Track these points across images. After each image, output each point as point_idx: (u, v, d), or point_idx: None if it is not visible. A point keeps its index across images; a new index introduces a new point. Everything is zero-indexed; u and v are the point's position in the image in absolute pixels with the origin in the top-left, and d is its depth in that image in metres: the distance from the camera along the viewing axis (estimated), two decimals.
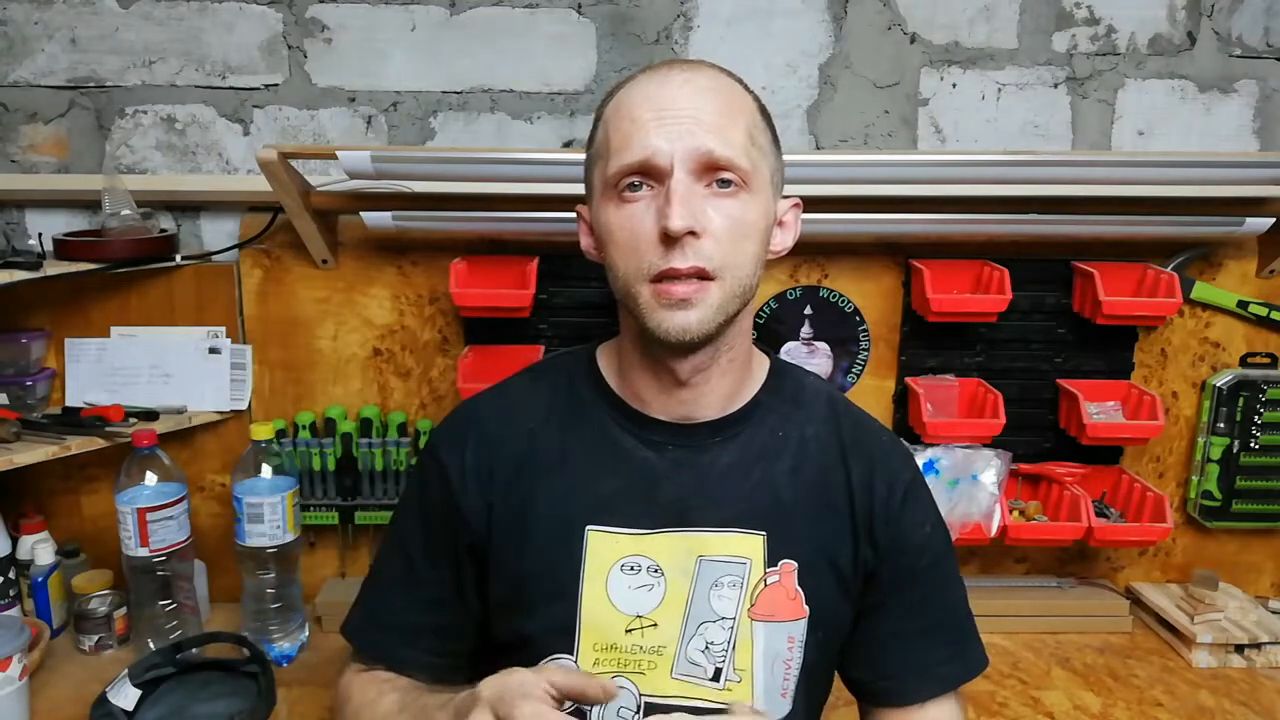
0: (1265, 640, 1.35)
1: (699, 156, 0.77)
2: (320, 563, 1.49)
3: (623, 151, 0.78)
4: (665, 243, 0.76)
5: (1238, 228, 1.37)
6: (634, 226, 0.78)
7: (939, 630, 0.91)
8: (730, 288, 0.79)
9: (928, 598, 0.91)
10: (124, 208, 1.34)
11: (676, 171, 0.76)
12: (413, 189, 1.35)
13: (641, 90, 0.80)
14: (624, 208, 0.79)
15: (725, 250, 0.78)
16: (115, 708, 1.12)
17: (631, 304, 0.81)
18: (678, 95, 0.78)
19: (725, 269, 0.78)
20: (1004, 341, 1.47)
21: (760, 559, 0.85)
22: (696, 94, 0.78)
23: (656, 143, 0.77)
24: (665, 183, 0.77)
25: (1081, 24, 1.45)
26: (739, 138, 0.78)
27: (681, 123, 0.77)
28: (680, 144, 0.76)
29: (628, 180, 0.78)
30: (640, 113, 0.78)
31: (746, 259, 0.80)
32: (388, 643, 0.91)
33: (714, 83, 0.80)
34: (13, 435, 1.25)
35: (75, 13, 1.39)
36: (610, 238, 0.80)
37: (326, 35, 1.41)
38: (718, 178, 0.78)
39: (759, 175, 0.80)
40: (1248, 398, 1.47)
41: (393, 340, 1.45)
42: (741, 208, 0.79)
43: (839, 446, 0.90)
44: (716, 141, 0.77)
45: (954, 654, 0.91)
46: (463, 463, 0.88)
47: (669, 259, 0.76)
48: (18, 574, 1.34)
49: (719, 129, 0.77)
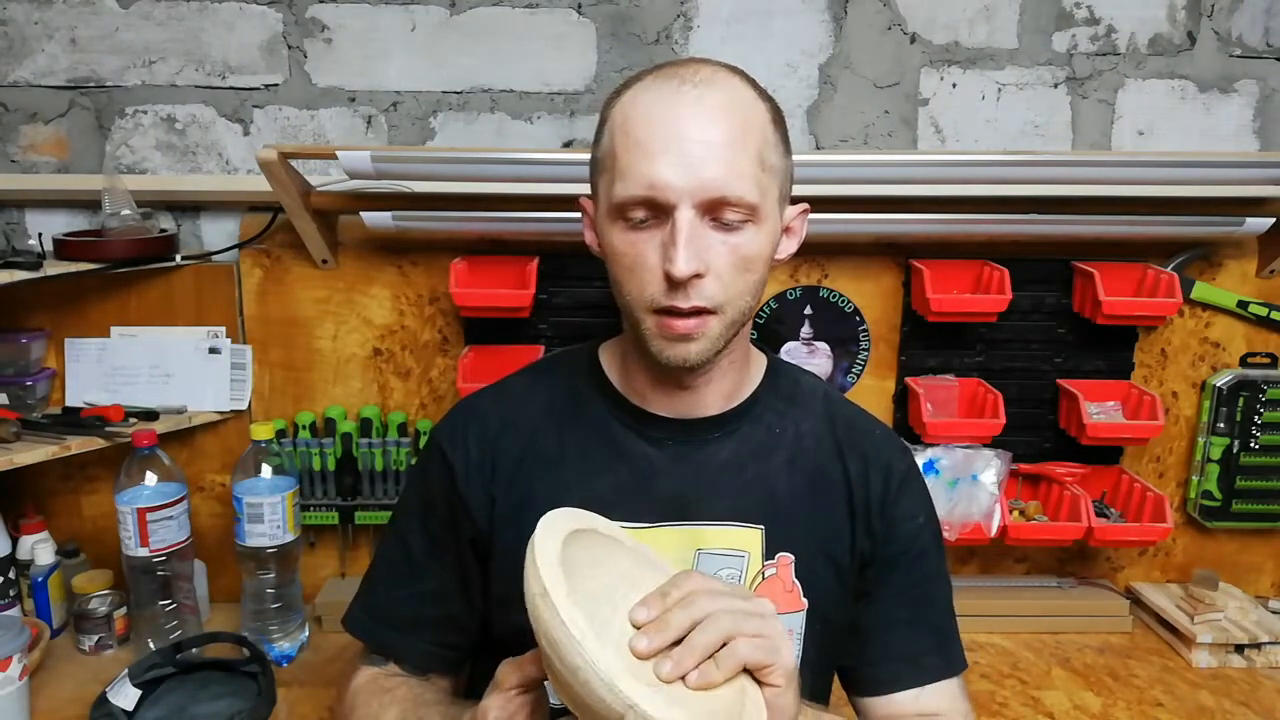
0: (1265, 640, 1.35)
1: (706, 195, 0.75)
2: (320, 563, 1.49)
3: (628, 179, 0.76)
4: (669, 281, 0.76)
5: (1238, 228, 1.37)
6: (638, 255, 0.78)
7: (924, 622, 0.91)
8: (731, 317, 0.80)
9: (915, 588, 0.91)
10: (124, 208, 1.34)
11: (682, 210, 0.75)
12: (413, 189, 1.35)
13: (649, 107, 0.77)
14: (629, 234, 0.78)
15: (727, 285, 0.78)
16: (115, 708, 1.12)
17: (634, 325, 0.81)
18: (687, 119, 0.75)
19: (727, 303, 0.78)
20: (1004, 341, 1.46)
21: (758, 552, 0.86)
22: (707, 118, 0.75)
23: (663, 176, 0.74)
24: (670, 216, 0.75)
25: (1081, 24, 1.45)
26: (749, 167, 0.76)
27: (690, 155, 0.75)
28: (688, 180, 0.74)
29: (632, 210, 0.77)
30: (646, 137, 0.76)
31: (748, 288, 0.80)
32: (390, 635, 0.91)
33: (726, 100, 0.77)
34: (13, 435, 1.25)
35: (75, 13, 1.39)
36: (615, 260, 0.80)
37: (326, 35, 1.41)
38: (724, 215, 0.76)
39: (768, 201, 0.79)
40: (1248, 398, 1.47)
41: (393, 340, 1.45)
42: (747, 241, 0.78)
43: (834, 442, 0.91)
44: (726, 177, 0.75)
45: (938, 647, 0.91)
46: (466, 456, 0.89)
47: (672, 298, 0.77)
48: (18, 574, 1.34)
49: (729, 161, 0.75)
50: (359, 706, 0.89)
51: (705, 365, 0.82)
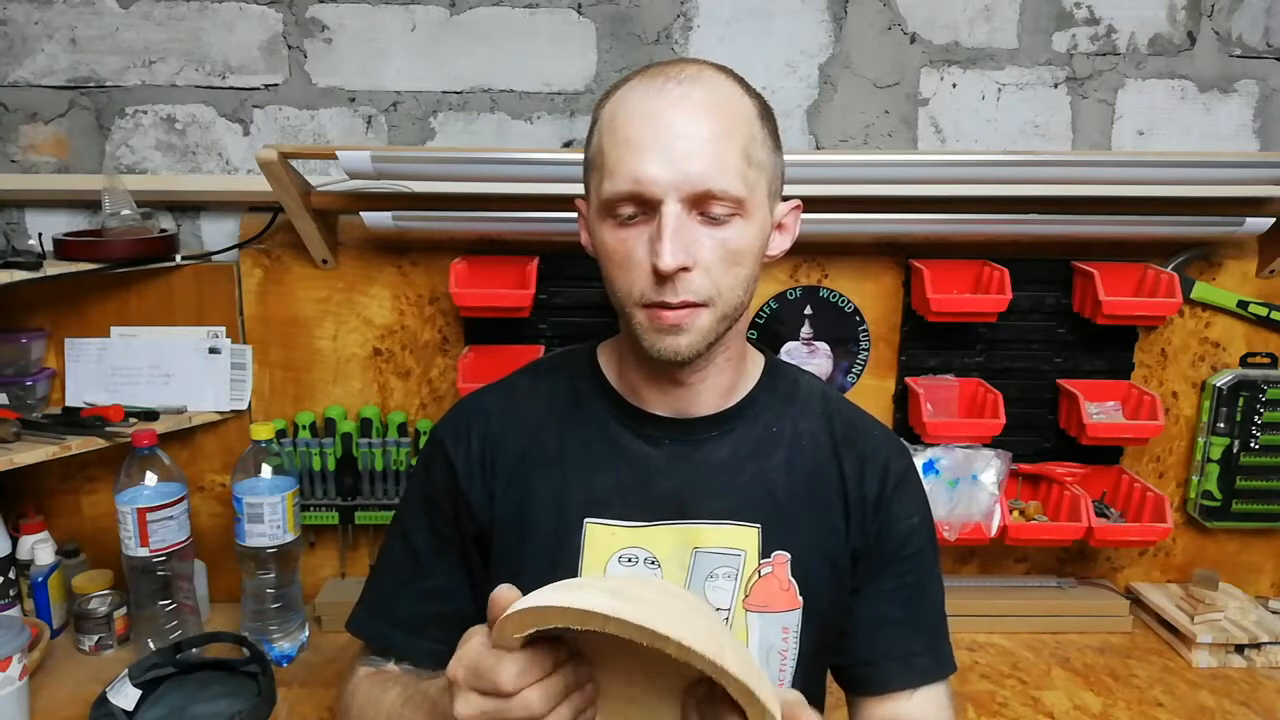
0: (1265, 640, 1.35)
1: (692, 189, 0.75)
2: (320, 563, 1.49)
3: (615, 175, 0.77)
4: (656, 275, 0.77)
5: (1238, 228, 1.37)
6: (627, 251, 0.79)
7: (917, 622, 0.92)
8: (721, 310, 0.80)
9: (909, 587, 0.91)
10: (124, 208, 1.34)
11: (668, 204, 0.75)
12: (413, 189, 1.35)
13: (636, 104, 0.78)
14: (618, 231, 0.79)
15: (716, 278, 0.78)
16: (115, 708, 1.12)
17: (626, 321, 0.82)
18: (672, 115, 0.76)
19: (717, 296, 0.79)
20: (1004, 341, 1.46)
21: (755, 551, 0.86)
22: (692, 113, 0.76)
23: (649, 172, 0.75)
24: (657, 210, 0.76)
25: (1081, 24, 1.45)
26: (735, 161, 0.77)
27: (675, 149, 0.75)
28: (673, 174, 0.75)
29: (620, 206, 0.78)
30: (632, 134, 0.77)
31: (738, 282, 0.80)
32: (394, 633, 0.91)
33: (711, 96, 0.78)
34: (13, 435, 1.25)
35: (75, 13, 1.39)
36: (606, 257, 0.81)
37: (326, 35, 1.41)
38: (711, 209, 0.77)
39: (755, 196, 0.79)
40: (1248, 398, 1.47)
41: (393, 340, 1.45)
42: (735, 235, 0.78)
43: (831, 441, 0.91)
44: (711, 171, 0.75)
45: (930, 647, 0.91)
46: (468, 453, 0.89)
47: (661, 293, 0.77)
48: (18, 574, 1.34)
49: (715, 155, 0.76)
50: (359, 695, 0.89)
51: (697, 359, 0.82)
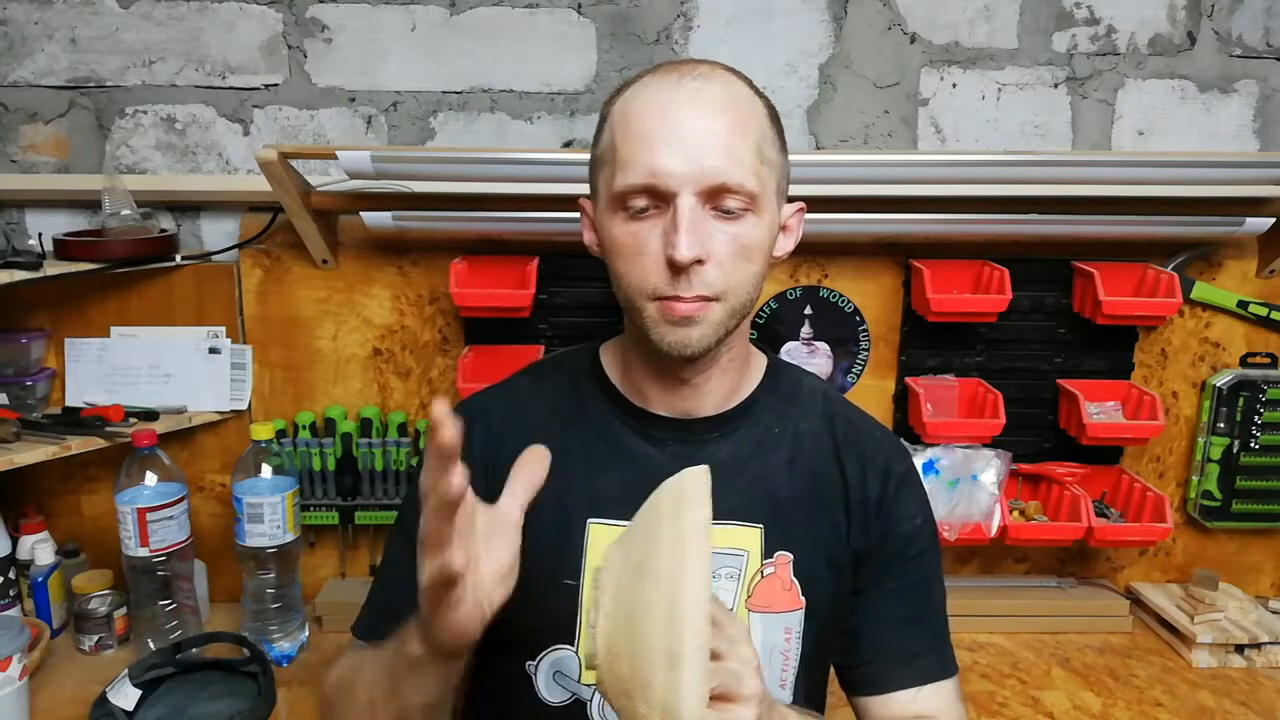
0: (1265, 640, 1.35)
1: (707, 182, 0.76)
2: (320, 563, 1.49)
3: (629, 168, 0.77)
4: (671, 268, 0.77)
5: (1238, 228, 1.37)
6: (639, 245, 0.79)
7: (920, 622, 0.92)
8: (732, 305, 0.80)
9: (911, 589, 0.91)
10: (124, 208, 1.34)
11: (683, 196, 0.76)
12: (413, 189, 1.35)
13: (650, 100, 0.79)
14: (630, 224, 0.79)
15: (728, 273, 0.79)
16: (115, 708, 1.12)
17: (635, 315, 0.82)
18: (687, 111, 0.77)
19: (728, 291, 0.79)
20: (1004, 341, 1.46)
21: (758, 551, 0.86)
22: (706, 109, 0.77)
23: (664, 164, 0.76)
24: (672, 204, 0.76)
25: (1081, 24, 1.45)
26: (749, 158, 0.78)
27: (690, 143, 0.76)
28: (689, 167, 0.75)
29: (633, 199, 0.78)
30: (647, 128, 0.77)
31: (749, 278, 0.81)
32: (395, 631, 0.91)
33: (725, 93, 0.79)
34: (13, 435, 1.25)
35: (75, 13, 1.39)
36: (616, 251, 0.81)
37: (326, 35, 1.41)
38: (725, 203, 0.77)
39: (766, 193, 0.80)
40: (1248, 398, 1.47)
41: (393, 340, 1.45)
42: (748, 230, 0.79)
43: (833, 442, 0.91)
44: (726, 165, 0.76)
45: (933, 648, 0.92)
46: (471, 453, 0.89)
47: (674, 286, 0.77)
48: (18, 574, 1.34)
49: (729, 150, 0.76)
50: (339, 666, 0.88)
51: (705, 355, 0.82)
